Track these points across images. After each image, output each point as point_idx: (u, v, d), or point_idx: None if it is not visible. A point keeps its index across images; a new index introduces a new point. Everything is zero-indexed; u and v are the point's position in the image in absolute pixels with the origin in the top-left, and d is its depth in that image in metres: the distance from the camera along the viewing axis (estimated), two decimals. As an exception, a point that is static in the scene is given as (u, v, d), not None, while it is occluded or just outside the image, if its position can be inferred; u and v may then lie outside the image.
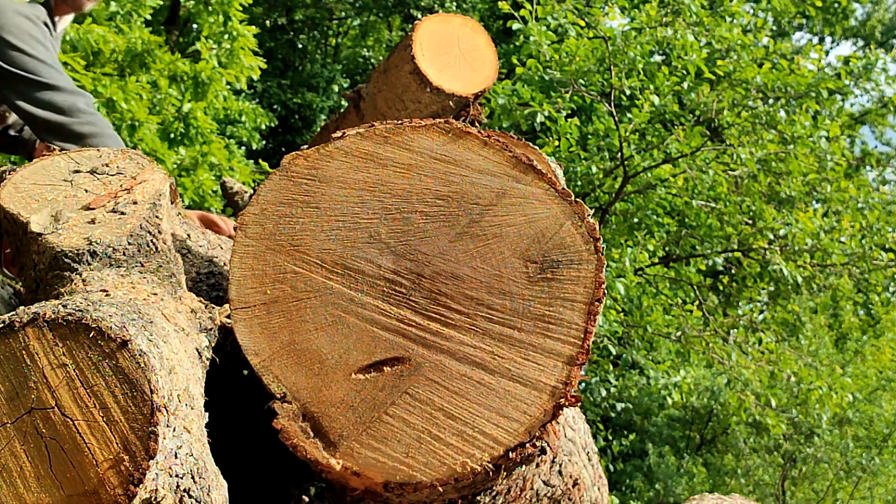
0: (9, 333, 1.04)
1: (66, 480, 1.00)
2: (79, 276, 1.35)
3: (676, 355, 8.41)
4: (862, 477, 11.63)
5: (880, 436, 11.28)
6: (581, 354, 1.22)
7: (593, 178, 6.65)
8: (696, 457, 12.11)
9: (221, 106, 7.69)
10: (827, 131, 6.53)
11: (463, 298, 1.26)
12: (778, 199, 7.02)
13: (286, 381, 1.25)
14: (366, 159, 1.31)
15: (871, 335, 11.96)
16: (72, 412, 1.01)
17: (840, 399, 7.48)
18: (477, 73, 2.33)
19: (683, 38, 6.23)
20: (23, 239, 1.48)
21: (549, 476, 1.66)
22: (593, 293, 1.24)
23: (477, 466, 1.19)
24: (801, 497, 12.26)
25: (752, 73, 6.42)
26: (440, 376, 1.23)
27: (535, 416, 1.21)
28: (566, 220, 1.26)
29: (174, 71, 7.29)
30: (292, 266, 1.29)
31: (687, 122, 6.87)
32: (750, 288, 8.47)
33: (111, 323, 1.05)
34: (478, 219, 1.28)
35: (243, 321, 1.28)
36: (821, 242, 6.54)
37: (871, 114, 15.06)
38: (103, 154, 1.64)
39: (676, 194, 6.84)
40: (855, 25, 18.19)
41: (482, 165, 1.29)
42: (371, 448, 1.22)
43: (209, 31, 7.30)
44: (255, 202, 1.32)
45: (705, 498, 2.21)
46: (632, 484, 10.88)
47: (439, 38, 2.31)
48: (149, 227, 1.45)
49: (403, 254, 1.28)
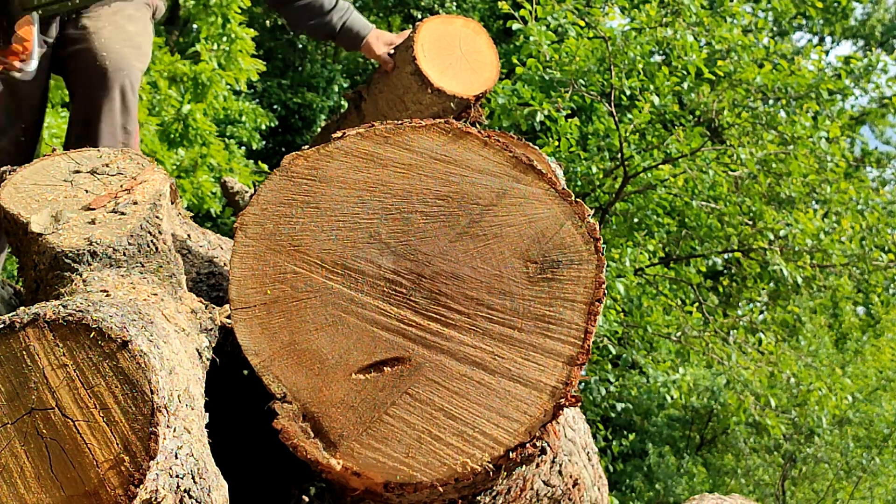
0: (9, 334, 1.04)
1: (67, 481, 1.00)
2: (79, 276, 1.35)
3: (676, 355, 8.41)
4: (862, 477, 11.64)
5: (880, 436, 11.28)
6: (581, 354, 1.22)
7: (593, 178, 6.65)
8: (696, 457, 12.11)
9: (221, 106, 7.68)
10: (827, 132, 6.53)
11: (463, 298, 1.26)
12: (778, 200, 7.02)
13: (286, 382, 1.25)
14: (366, 159, 1.31)
15: (871, 335, 11.96)
16: (72, 413, 1.01)
17: (839, 401, 7.48)
18: (478, 74, 2.33)
19: (683, 39, 6.23)
20: (23, 239, 1.48)
21: (549, 476, 1.66)
22: (593, 293, 1.24)
23: (477, 466, 1.19)
24: (801, 497, 12.26)
25: (752, 74, 6.42)
26: (440, 376, 1.23)
27: (536, 417, 1.21)
28: (566, 220, 1.27)
29: (174, 72, 7.29)
30: (292, 266, 1.29)
31: (687, 122, 6.87)
32: (750, 288, 8.47)
33: (112, 323, 1.05)
34: (478, 219, 1.28)
35: (243, 321, 1.28)
36: (821, 243, 6.54)
37: (871, 114, 15.07)
38: (103, 154, 1.64)
39: (676, 195, 6.83)
40: (855, 25, 18.19)
41: (482, 165, 1.29)
42: (371, 448, 1.22)
43: (208, 33, 7.29)
44: (255, 202, 1.32)
45: (705, 498, 2.21)
46: (632, 484, 10.88)
47: (441, 39, 2.32)
48: (149, 228, 1.45)
49: (404, 254, 1.28)
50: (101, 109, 2.29)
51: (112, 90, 2.28)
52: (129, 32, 2.38)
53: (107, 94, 2.28)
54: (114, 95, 2.29)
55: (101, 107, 2.29)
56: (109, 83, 2.28)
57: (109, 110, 2.30)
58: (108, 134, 2.31)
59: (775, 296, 8.09)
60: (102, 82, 2.28)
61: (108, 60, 2.28)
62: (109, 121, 2.30)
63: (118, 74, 2.28)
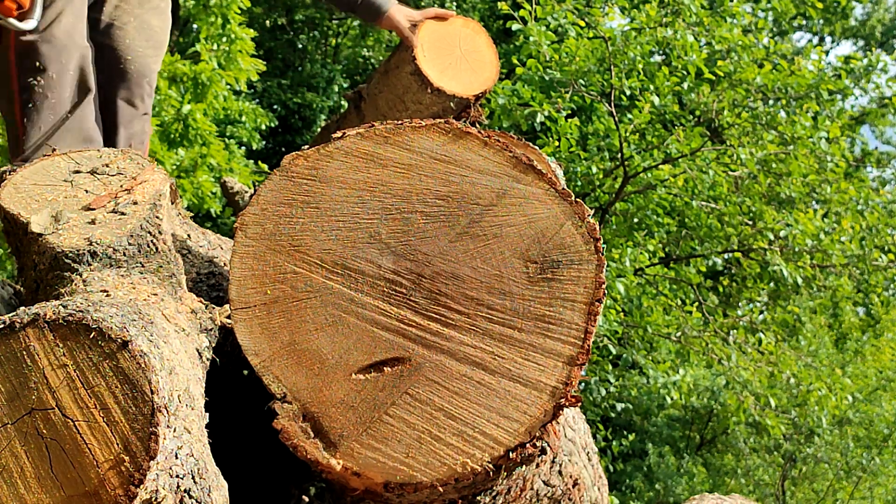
0: (9, 334, 1.04)
1: (67, 481, 1.00)
2: (79, 276, 1.35)
3: (676, 356, 8.40)
4: (862, 477, 11.63)
5: (880, 436, 11.28)
6: (581, 354, 1.22)
7: (593, 178, 6.65)
8: (696, 457, 12.11)
9: (221, 106, 7.68)
10: (827, 132, 6.53)
11: (463, 298, 1.26)
12: (778, 200, 7.02)
13: (286, 382, 1.25)
14: (366, 159, 1.31)
15: (871, 335, 11.96)
16: (72, 413, 1.01)
17: (839, 401, 7.48)
18: (478, 74, 2.34)
19: (683, 39, 6.22)
20: (23, 239, 1.48)
21: (549, 476, 1.66)
22: (593, 293, 1.24)
23: (477, 467, 1.20)
24: (801, 497, 12.25)
25: (752, 74, 6.42)
26: (440, 376, 1.23)
27: (536, 417, 1.21)
28: (566, 221, 1.27)
29: (174, 72, 7.28)
30: (292, 266, 1.29)
31: (687, 122, 6.87)
32: (750, 288, 8.47)
33: (112, 323, 1.05)
34: (478, 219, 1.28)
35: (243, 321, 1.28)
36: (821, 243, 6.54)
37: (871, 114, 15.06)
38: (103, 154, 1.64)
39: (676, 195, 6.83)
40: (855, 25, 18.20)
41: (482, 166, 1.29)
42: (371, 448, 1.22)
43: (208, 33, 7.29)
44: (255, 202, 1.32)
45: (705, 498, 2.21)
46: (632, 484, 10.87)
47: (440, 39, 2.32)
48: (149, 228, 1.45)
49: (404, 254, 1.28)
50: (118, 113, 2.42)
51: (133, 98, 2.41)
52: (154, 29, 2.44)
53: (127, 98, 2.40)
54: (135, 103, 2.42)
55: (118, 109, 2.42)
56: (131, 87, 2.40)
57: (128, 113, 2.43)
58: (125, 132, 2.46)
59: (775, 296, 8.09)
60: (125, 85, 2.39)
61: (132, 65, 2.37)
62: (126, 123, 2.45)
63: (141, 81, 2.40)
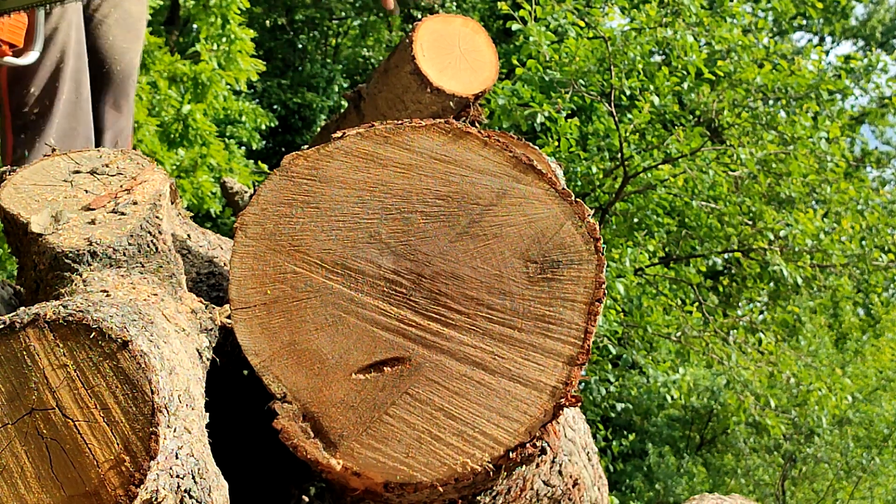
0: (9, 334, 1.04)
1: (67, 481, 1.00)
2: (79, 276, 1.35)
3: (676, 355, 8.40)
4: (862, 477, 11.63)
5: (880, 436, 11.28)
6: (581, 354, 1.22)
7: (593, 178, 6.65)
8: (696, 457, 12.10)
9: (221, 106, 7.68)
10: (827, 132, 6.54)
11: (463, 298, 1.26)
12: (778, 200, 7.02)
13: (286, 382, 1.25)
14: (366, 159, 1.31)
15: (871, 335, 11.96)
16: (73, 413, 1.01)
17: (839, 401, 7.48)
18: (477, 73, 2.33)
19: (683, 39, 6.23)
20: (23, 239, 1.49)
21: (549, 476, 1.66)
22: (593, 293, 1.24)
23: (477, 466, 1.19)
24: (801, 497, 12.25)
25: (752, 74, 6.42)
26: (440, 376, 1.23)
27: (536, 417, 1.21)
28: (566, 220, 1.27)
29: (174, 72, 7.29)
30: (292, 266, 1.29)
31: (687, 122, 6.87)
32: (750, 288, 8.47)
33: (112, 323, 1.05)
34: (478, 219, 1.28)
35: (243, 321, 1.28)
36: (821, 243, 6.54)
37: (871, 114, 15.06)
38: (103, 154, 1.64)
39: (676, 195, 6.83)
40: (855, 25, 18.20)
41: (482, 165, 1.29)
42: (371, 448, 1.22)
43: (207, 33, 7.29)
44: (255, 202, 1.32)
45: (705, 498, 2.21)
46: (632, 484, 10.87)
47: (440, 38, 2.32)
48: (149, 228, 1.45)
49: (404, 254, 1.28)
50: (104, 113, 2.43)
51: (119, 100, 2.42)
52: (133, 17, 2.46)
53: (113, 102, 2.42)
54: (120, 104, 2.43)
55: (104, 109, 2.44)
56: (117, 91, 2.41)
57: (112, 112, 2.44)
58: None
59: (775, 296, 8.09)
60: (110, 90, 2.40)
61: (117, 66, 2.37)
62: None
63: (125, 83, 2.41)
